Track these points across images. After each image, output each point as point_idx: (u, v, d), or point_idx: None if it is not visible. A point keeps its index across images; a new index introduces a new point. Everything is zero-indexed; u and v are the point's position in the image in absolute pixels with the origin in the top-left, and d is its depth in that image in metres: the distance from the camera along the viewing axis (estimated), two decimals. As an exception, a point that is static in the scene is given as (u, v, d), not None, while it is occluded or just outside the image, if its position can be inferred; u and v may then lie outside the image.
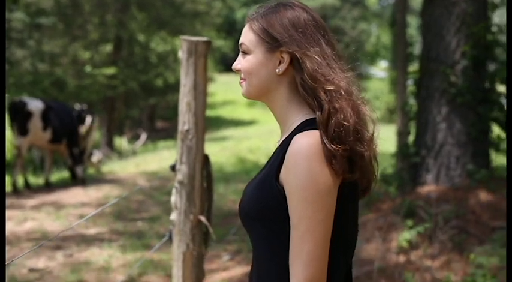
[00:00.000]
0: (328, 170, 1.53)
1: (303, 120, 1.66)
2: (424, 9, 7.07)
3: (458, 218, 5.76)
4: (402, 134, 7.57)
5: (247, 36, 1.72)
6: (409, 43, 7.92)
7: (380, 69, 39.72)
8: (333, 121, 1.57)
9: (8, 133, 11.82)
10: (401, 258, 5.43)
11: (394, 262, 5.39)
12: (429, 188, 6.47)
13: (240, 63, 1.75)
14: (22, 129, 10.20)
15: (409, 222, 5.83)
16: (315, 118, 1.62)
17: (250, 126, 25.38)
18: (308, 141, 1.55)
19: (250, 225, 1.69)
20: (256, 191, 1.66)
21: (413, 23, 24.93)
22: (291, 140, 1.58)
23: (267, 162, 1.72)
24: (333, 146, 1.53)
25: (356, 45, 34.79)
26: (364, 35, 38.30)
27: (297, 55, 1.64)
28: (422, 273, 5.13)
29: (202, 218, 3.25)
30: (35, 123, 10.26)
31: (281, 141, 1.70)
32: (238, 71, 1.77)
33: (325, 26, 1.72)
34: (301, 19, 1.68)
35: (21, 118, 10.18)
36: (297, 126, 1.65)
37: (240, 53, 1.76)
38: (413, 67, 7.86)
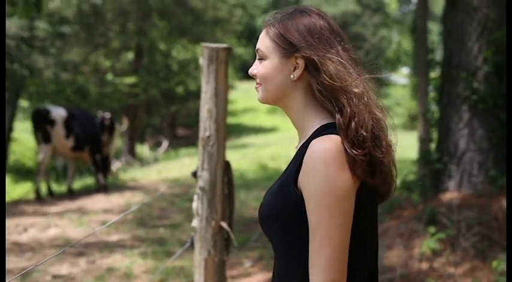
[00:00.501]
0: (347, 175, 1.54)
1: (320, 125, 1.67)
2: (445, 15, 7.04)
3: (481, 224, 5.71)
4: (424, 141, 7.53)
5: (264, 42, 1.74)
6: (430, 49, 7.89)
7: (401, 76, 39.52)
8: (352, 125, 1.57)
9: (31, 141, 11.94)
10: (424, 266, 5.39)
11: (417, 269, 5.35)
12: (451, 194, 6.42)
13: (256, 68, 1.77)
14: (45, 137, 10.31)
15: (431, 229, 5.79)
16: (332, 123, 1.63)
17: (271, 133, 25.38)
18: (326, 146, 1.56)
19: (269, 229, 1.70)
20: (275, 196, 1.68)
21: (434, 29, 24.77)
22: (308, 145, 1.59)
23: (286, 168, 1.72)
24: (353, 151, 1.54)
25: (377, 52, 34.71)
26: (385, 42, 38.14)
27: (314, 59, 1.65)
28: (445, 281, 5.09)
29: (224, 224, 3.26)
30: (58, 131, 10.36)
31: (299, 146, 1.71)
32: (254, 76, 1.79)
33: (341, 33, 1.73)
34: (317, 25, 1.69)
35: (45, 126, 10.29)
36: (314, 131, 1.66)
37: (257, 59, 1.77)
38: (435, 73, 7.82)
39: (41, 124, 10.33)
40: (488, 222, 5.76)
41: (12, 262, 6.16)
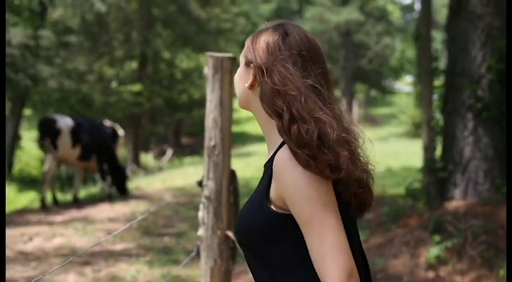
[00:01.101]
0: (311, 173, 1.54)
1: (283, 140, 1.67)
2: (449, 23, 7.05)
3: (487, 233, 5.70)
4: (428, 149, 7.52)
5: (242, 51, 1.83)
6: (434, 57, 7.89)
7: (405, 84, 39.54)
8: (295, 127, 1.57)
9: (35, 150, 11.97)
10: (430, 274, 5.38)
11: (423, 278, 5.34)
12: (457, 203, 6.41)
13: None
14: (51, 146, 10.34)
15: (437, 238, 5.78)
16: None
17: (275, 142, 25.34)
18: (284, 153, 1.58)
19: (247, 249, 1.72)
20: (248, 216, 1.68)
21: (437, 37, 24.80)
22: (273, 162, 1.62)
23: (256, 187, 1.73)
24: (299, 151, 1.54)
25: (380, 60, 34.70)
26: (389, 50, 38.12)
27: (262, 67, 1.69)
28: (451, 289, 5.08)
29: (230, 234, 3.26)
30: (64, 140, 10.38)
31: (266, 162, 1.72)
32: None
33: (312, 51, 1.72)
34: (279, 43, 1.71)
35: (51, 135, 10.31)
36: (279, 145, 1.66)
37: None
38: (439, 81, 7.82)
39: (48, 133, 10.36)
40: (495, 230, 5.74)
41: (18, 271, 6.17)
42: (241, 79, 1.79)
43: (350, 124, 1.68)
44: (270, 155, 1.70)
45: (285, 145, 1.60)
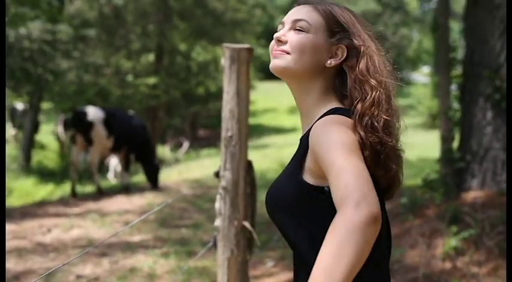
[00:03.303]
0: (348, 129, 1.53)
1: (327, 110, 1.66)
2: (466, 13, 6.99)
3: (505, 223, 5.66)
4: (446, 139, 7.47)
5: (311, 15, 1.69)
6: (451, 48, 7.83)
7: (422, 75, 39.29)
8: (370, 112, 1.57)
9: (53, 143, 12.09)
10: (447, 265, 5.36)
11: (440, 269, 5.32)
12: (474, 193, 6.38)
13: (287, 35, 1.70)
14: (74, 139, 10.50)
15: (454, 229, 5.75)
16: (340, 107, 1.65)
17: (291, 134, 25.34)
18: (333, 116, 1.58)
19: (279, 218, 1.69)
20: (281, 184, 1.67)
21: (455, 27, 24.59)
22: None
23: (292, 157, 1.71)
24: (363, 134, 1.53)
25: (398, 51, 34.55)
26: (406, 41, 37.98)
27: (359, 49, 1.66)
28: (469, 280, 5.06)
29: (247, 224, 3.27)
30: (98, 132, 10.48)
31: (303, 135, 1.69)
32: (282, 42, 1.70)
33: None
34: (361, 18, 1.73)
35: (83, 127, 10.43)
36: (321, 116, 1.64)
37: (290, 28, 1.71)
38: (456, 72, 7.77)
39: (80, 126, 10.48)
40: (513, 221, 5.71)
41: (37, 262, 6.23)
42: (318, 51, 1.67)
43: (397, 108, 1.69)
44: (309, 127, 1.64)
45: (335, 115, 1.59)
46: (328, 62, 1.68)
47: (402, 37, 36.69)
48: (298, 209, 1.62)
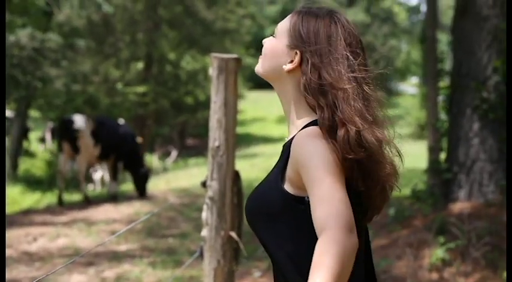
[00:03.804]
0: (333, 152, 1.52)
1: (308, 122, 1.66)
2: (454, 25, 7.04)
3: (491, 234, 5.68)
4: (433, 150, 7.50)
5: (284, 23, 1.76)
6: (439, 59, 7.87)
7: (410, 85, 39.49)
8: (342, 130, 1.55)
9: (40, 151, 12.05)
10: (434, 276, 5.37)
11: (427, 279, 5.32)
12: (461, 204, 6.40)
13: (265, 41, 1.80)
14: (73, 148, 10.46)
15: (441, 239, 5.76)
16: (315, 120, 1.64)
17: (279, 143, 25.14)
18: (311, 129, 1.58)
19: (257, 226, 1.69)
20: (262, 192, 1.68)
21: (443, 39, 24.78)
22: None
23: (275, 165, 1.72)
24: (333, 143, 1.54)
25: (386, 62, 34.69)
26: (394, 52, 38.16)
27: (307, 57, 1.65)
28: (455, 291, 5.07)
29: (233, 234, 3.25)
30: (85, 141, 10.44)
31: (287, 141, 1.71)
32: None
33: (358, 43, 1.72)
34: (334, 32, 1.68)
35: (71, 135, 10.39)
36: (302, 127, 1.65)
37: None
38: (444, 83, 7.81)
39: (67, 134, 10.43)
40: (499, 232, 5.73)
41: (22, 272, 6.18)
42: (277, 55, 1.74)
43: (383, 122, 1.66)
44: (291, 137, 1.68)
45: (312, 126, 1.60)
46: (284, 66, 1.71)
47: (391, 48, 36.86)
48: (277, 217, 1.62)
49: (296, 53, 1.69)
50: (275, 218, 1.62)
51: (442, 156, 7.22)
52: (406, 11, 44.46)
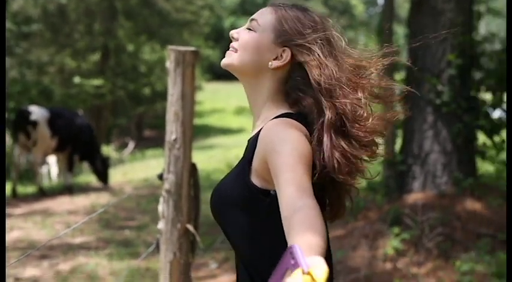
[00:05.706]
0: (301, 133, 1.55)
1: (278, 114, 1.67)
2: (410, 18, 7.13)
3: (444, 225, 5.80)
4: (388, 142, 7.59)
5: (266, 17, 1.72)
6: (396, 52, 7.96)
7: (367, 78, 39.78)
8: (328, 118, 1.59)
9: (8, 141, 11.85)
10: (388, 266, 5.46)
11: (381, 270, 5.41)
12: (415, 195, 6.51)
13: (240, 33, 1.74)
14: (16, 138, 10.28)
15: (396, 230, 5.86)
16: (290, 113, 1.65)
17: (238, 134, 25.37)
18: (284, 119, 1.60)
19: (224, 218, 1.70)
20: (230, 185, 1.68)
21: (400, 31, 25.07)
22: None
23: (241, 159, 1.72)
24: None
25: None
26: (352, 44, 38.46)
27: (301, 58, 1.66)
28: (409, 281, 5.16)
29: (190, 227, 3.26)
30: (42, 132, 10.27)
31: (252, 135, 1.71)
32: (233, 39, 1.74)
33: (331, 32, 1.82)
34: (319, 23, 1.75)
35: (27, 127, 10.21)
36: (271, 120, 1.66)
37: (245, 27, 1.75)
38: (400, 76, 7.91)
39: (24, 125, 10.25)
40: (452, 222, 5.85)
41: (-26, 265, 6.06)
42: (261, 51, 1.69)
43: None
44: (257, 130, 1.67)
45: (283, 118, 1.61)
46: (270, 63, 1.69)
47: (348, 40, 37.16)
48: (243, 210, 1.63)
49: (284, 50, 1.68)
50: (240, 210, 1.64)
51: (397, 148, 7.32)
52: (363, 3, 44.85)
